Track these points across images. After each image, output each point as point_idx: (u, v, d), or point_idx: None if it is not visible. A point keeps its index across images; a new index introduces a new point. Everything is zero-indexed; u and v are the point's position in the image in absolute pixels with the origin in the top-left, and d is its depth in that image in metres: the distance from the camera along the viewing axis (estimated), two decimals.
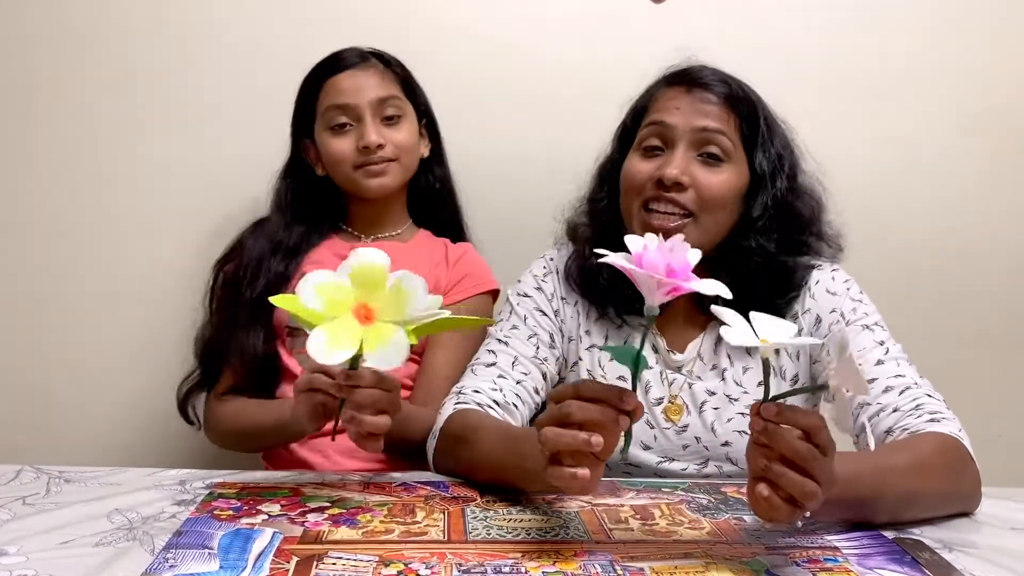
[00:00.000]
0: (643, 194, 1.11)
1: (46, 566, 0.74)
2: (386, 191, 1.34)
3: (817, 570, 0.76)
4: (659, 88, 1.16)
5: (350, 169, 1.32)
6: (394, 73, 1.35)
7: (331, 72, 1.33)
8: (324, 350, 0.82)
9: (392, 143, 1.32)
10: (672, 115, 1.10)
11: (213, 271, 1.39)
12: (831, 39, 1.56)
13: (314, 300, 0.84)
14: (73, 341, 1.56)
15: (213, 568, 0.74)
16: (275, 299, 0.89)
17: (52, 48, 1.52)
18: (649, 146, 1.12)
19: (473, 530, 0.85)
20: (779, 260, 1.12)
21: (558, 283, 1.22)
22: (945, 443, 0.94)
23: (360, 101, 1.31)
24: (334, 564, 0.75)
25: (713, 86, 1.11)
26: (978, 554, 0.82)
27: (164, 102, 1.54)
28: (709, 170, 1.09)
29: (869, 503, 0.86)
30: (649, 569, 0.75)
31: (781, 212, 1.12)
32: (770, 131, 1.13)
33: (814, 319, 1.13)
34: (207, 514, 0.88)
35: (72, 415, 1.57)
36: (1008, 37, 1.57)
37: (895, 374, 1.04)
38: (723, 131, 1.09)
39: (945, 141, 1.58)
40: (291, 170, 1.39)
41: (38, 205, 1.55)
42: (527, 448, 0.86)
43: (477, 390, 1.12)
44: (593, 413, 0.76)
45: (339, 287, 0.85)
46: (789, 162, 1.14)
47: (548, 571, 0.74)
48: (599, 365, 1.18)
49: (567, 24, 1.55)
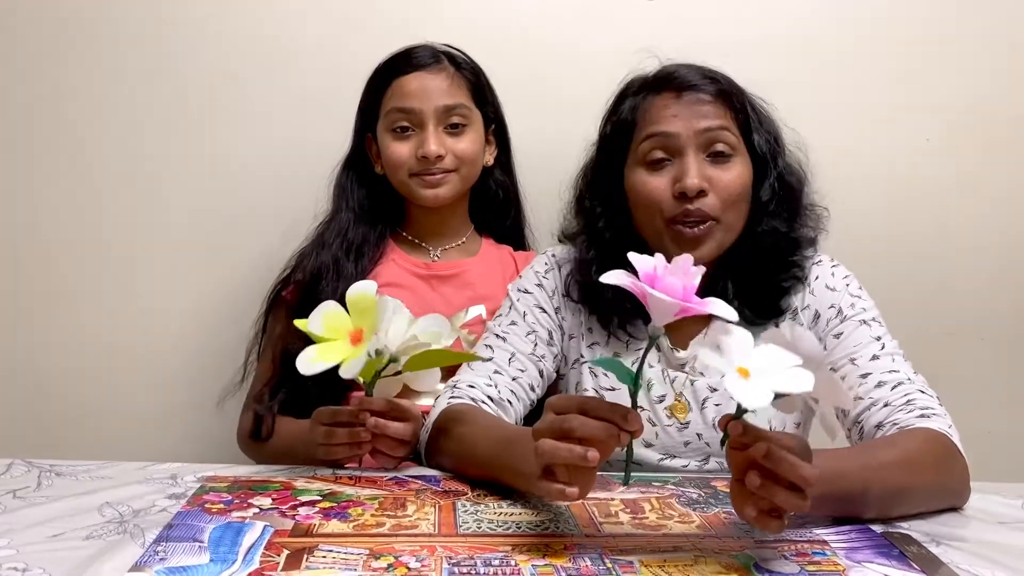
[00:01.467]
0: (665, 212, 1.09)
1: (36, 559, 0.74)
2: (440, 202, 1.31)
3: (805, 563, 0.76)
4: (644, 98, 1.14)
5: (406, 175, 1.30)
6: (465, 78, 1.32)
7: (399, 71, 1.29)
8: (307, 362, 0.95)
9: (453, 153, 1.29)
10: (671, 124, 1.09)
11: (271, 293, 1.34)
12: (817, 30, 1.56)
13: (317, 326, 0.98)
14: (70, 335, 1.56)
15: (203, 561, 0.74)
16: (298, 322, 1.01)
17: (83, 50, 1.51)
18: (653, 159, 1.10)
19: (464, 524, 0.85)
20: (791, 237, 1.14)
21: (559, 280, 1.21)
22: (933, 438, 0.95)
23: (425, 107, 1.27)
24: (324, 557, 0.75)
25: (702, 85, 1.11)
26: (966, 548, 0.82)
27: (186, 102, 1.53)
28: (722, 169, 1.09)
29: (856, 499, 0.86)
30: (639, 562, 0.76)
31: (784, 190, 1.13)
32: (758, 114, 1.14)
33: (813, 315, 1.13)
34: (198, 507, 0.88)
35: (66, 409, 1.56)
36: (996, 30, 1.57)
37: (889, 369, 1.05)
38: (725, 127, 1.10)
39: (930, 134, 1.58)
40: (353, 163, 1.36)
41: (34, 203, 1.54)
42: (520, 450, 0.86)
43: (472, 385, 1.12)
44: (595, 431, 0.75)
45: (339, 316, 0.98)
46: (779, 140, 1.16)
47: (538, 564, 0.74)
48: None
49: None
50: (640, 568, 0.74)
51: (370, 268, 1.31)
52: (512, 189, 1.41)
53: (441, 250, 1.37)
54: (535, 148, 1.37)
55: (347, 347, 0.96)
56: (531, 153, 1.39)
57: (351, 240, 1.31)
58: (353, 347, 0.96)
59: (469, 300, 1.33)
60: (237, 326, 1.41)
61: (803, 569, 0.75)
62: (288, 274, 1.34)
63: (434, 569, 0.73)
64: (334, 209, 1.36)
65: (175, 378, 1.55)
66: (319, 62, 1.51)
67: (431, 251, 1.37)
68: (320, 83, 1.51)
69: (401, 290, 1.30)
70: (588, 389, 1.17)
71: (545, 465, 0.77)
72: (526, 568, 0.74)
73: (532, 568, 0.74)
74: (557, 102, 1.48)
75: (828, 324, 1.11)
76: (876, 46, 1.56)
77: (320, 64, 1.51)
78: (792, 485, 0.74)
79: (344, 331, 0.97)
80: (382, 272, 1.30)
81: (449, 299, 1.33)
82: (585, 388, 1.17)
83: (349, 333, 0.97)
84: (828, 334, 1.11)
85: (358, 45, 1.46)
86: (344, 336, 0.97)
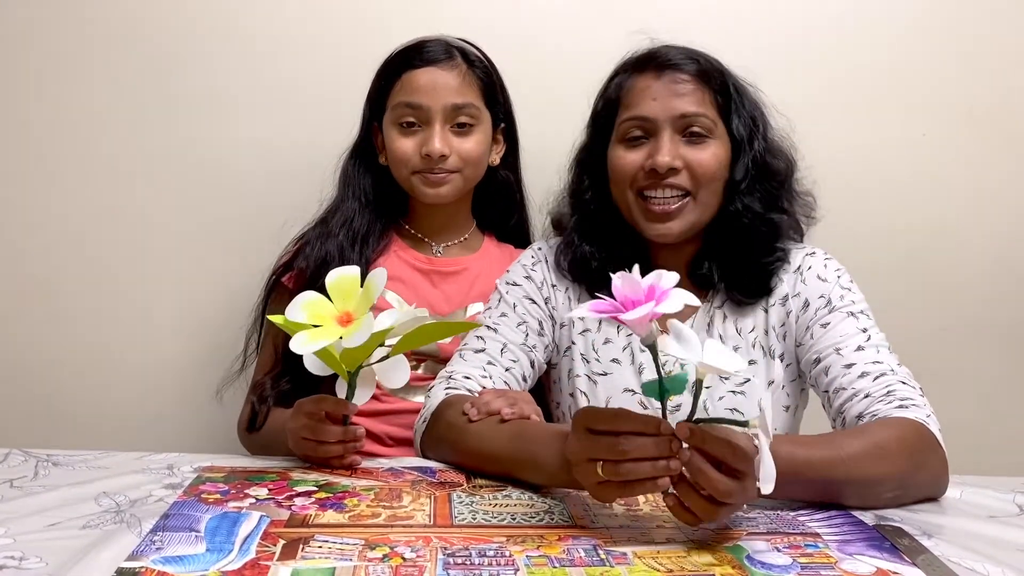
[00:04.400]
0: (636, 183, 1.13)
1: (33, 548, 0.74)
2: (441, 201, 1.30)
3: (798, 555, 0.77)
4: (629, 77, 1.17)
5: (409, 172, 1.28)
6: (476, 76, 1.29)
7: (410, 64, 1.27)
8: (304, 342, 0.91)
9: (458, 153, 1.26)
10: (650, 107, 1.12)
11: (269, 281, 1.32)
12: (815, 23, 1.55)
13: (300, 315, 0.93)
14: (68, 325, 1.55)
15: (200, 551, 0.74)
16: (273, 318, 0.97)
17: (79, 45, 1.51)
18: (632, 137, 1.14)
19: (459, 514, 0.85)
20: (766, 218, 1.15)
21: (547, 271, 1.23)
22: (908, 428, 0.95)
23: (433, 104, 1.25)
24: (320, 547, 0.76)
25: (682, 65, 1.14)
26: (957, 541, 0.82)
27: (190, 94, 1.52)
28: (696, 148, 1.12)
29: (823, 487, 0.88)
30: (632, 554, 0.76)
31: (760, 171, 1.16)
32: (741, 96, 1.17)
33: (802, 303, 1.14)
34: (194, 497, 0.88)
35: (63, 399, 1.56)
36: (993, 26, 1.56)
37: (873, 360, 1.06)
38: (702, 112, 1.12)
39: (926, 128, 1.58)
40: (360, 151, 1.34)
41: (30, 192, 1.53)
42: (538, 444, 0.91)
43: (468, 376, 1.12)
44: (648, 450, 0.77)
45: (321, 303, 0.95)
46: (762, 122, 1.18)
47: (532, 555, 0.75)
48: (592, 349, 1.19)
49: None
50: (634, 559, 0.75)
51: (374, 259, 1.30)
52: (517, 189, 1.40)
53: (443, 246, 1.36)
54: (543, 148, 1.36)
55: (335, 328, 0.92)
56: (538, 154, 1.38)
57: (356, 229, 1.29)
58: (344, 327, 0.92)
59: (469, 298, 1.33)
60: (236, 316, 1.40)
61: (795, 561, 0.76)
62: (288, 260, 1.32)
63: (429, 559, 0.73)
64: (339, 196, 1.34)
65: (172, 369, 1.55)
66: (320, 56, 1.50)
67: (434, 246, 1.36)
68: (321, 76, 1.50)
69: (401, 285, 1.29)
70: (580, 375, 1.19)
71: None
72: (520, 559, 0.74)
73: (526, 559, 0.74)
74: (566, 102, 1.47)
75: (816, 313, 1.12)
76: (875, 39, 1.56)
77: (322, 58, 1.50)
78: (710, 496, 0.76)
79: (329, 317, 0.93)
80: (384, 265, 1.29)
81: (450, 296, 1.33)
82: (577, 374, 1.19)
83: (335, 318, 0.93)
84: (816, 323, 1.12)
85: (360, 40, 1.46)
86: (330, 321, 0.93)
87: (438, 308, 1.29)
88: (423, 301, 1.25)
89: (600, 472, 0.79)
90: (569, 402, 1.21)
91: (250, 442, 1.27)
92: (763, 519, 0.86)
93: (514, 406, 1.00)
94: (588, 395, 1.18)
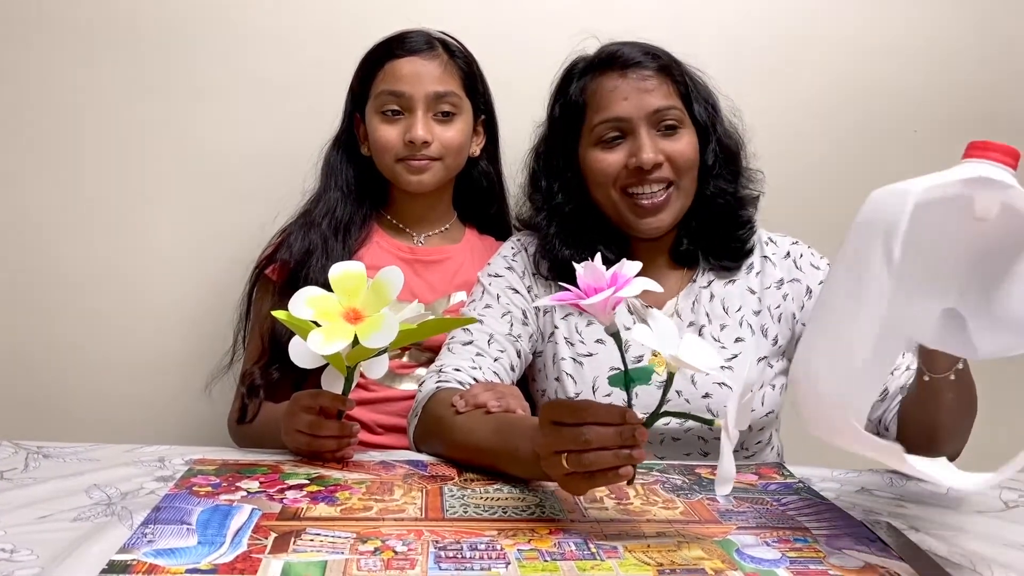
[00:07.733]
0: (619, 181, 1.18)
1: (24, 541, 0.74)
2: (423, 189, 1.31)
3: (787, 550, 0.78)
4: (592, 79, 1.20)
5: (392, 160, 1.29)
6: (457, 66, 1.31)
7: (393, 54, 1.29)
8: (323, 342, 0.89)
9: (439, 141, 1.28)
10: (622, 107, 1.17)
11: (253, 273, 1.32)
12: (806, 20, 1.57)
13: (305, 311, 0.92)
14: (57, 318, 1.54)
15: (191, 543, 0.74)
16: (276, 314, 0.95)
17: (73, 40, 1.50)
18: (608, 138, 1.18)
19: (450, 508, 0.86)
20: (738, 196, 1.23)
21: (528, 260, 1.25)
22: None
23: (415, 92, 1.27)
24: (312, 540, 0.76)
25: (645, 62, 1.18)
26: (945, 536, 0.83)
27: (171, 87, 1.51)
28: (672, 140, 1.18)
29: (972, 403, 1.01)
30: (622, 547, 0.76)
31: (725, 153, 1.22)
32: (695, 83, 1.22)
33: (804, 289, 1.22)
34: (186, 490, 0.88)
35: (53, 392, 1.56)
36: (987, 22, 1.57)
37: None
38: (671, 104, 1.17)
39: (918, 125, 1.58)
40: (342, 142, 1.35)
41: (20, 187, 1.53)
42: (519, 436, 0.90)
43: (458, 368, 1.13)
44: (608, 439, 0.78)
45: (327, 298, 0.93)
46: (716, 107, 1.23)
47: (523, 548, 0.75)
48: (576, 331, 1.20)
49: None
50: (624, 553, 0.75)
51: (356, 249, 1.31)
52: (497, 180, 1.41)
53: (424, 236, 1.37)
54: (523, 143, 1.37)
55: (348, 325, 0.91)
56: (519, 147, 1.39)
57: (339, 219, 1.31)
58: (353, 324, 0.91)
59: (452, 286, 1.34)
60: (225, 309, 1.40)
61: (784, 555, 0.76)
62: (272, 252, 1.33)
63: (420, 553, 0.73)
64: (322, 187, 1.35)
65: (163, 361, 1.55)
66: (306, 48, 1.50)
67: (415, 236, 1.37)
68: (307, 68, 1.50)
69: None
70: (565, 358, 1.19)
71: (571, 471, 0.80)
72: (511, 552, 0.74)
73: (517, 552, 0.74)
74: (545, 97, 1.48)
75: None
76: (867, 36, 1.56)
77: (307, 50, 1.50)
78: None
79: (335, 312, 0.92)
80: (366, 254, 1.30)
81: (433, 285, 1.33)
82: (562, 357, 1.20)
83: (341, 314, 0.92)
84: None
85: (341, 33, 1.46)
86: (336, 317, 0.92)
87: (423, 297, 1.30)
88: (407, 290, 1.25)
89: (565, 464, 0.79)
90: (556, 387, 1.21)
91: (240, 436, 1.27)
92: (752, 513, 0.87)
93: (501, 400, 1.01)
94: (575, 377, 1.18)
